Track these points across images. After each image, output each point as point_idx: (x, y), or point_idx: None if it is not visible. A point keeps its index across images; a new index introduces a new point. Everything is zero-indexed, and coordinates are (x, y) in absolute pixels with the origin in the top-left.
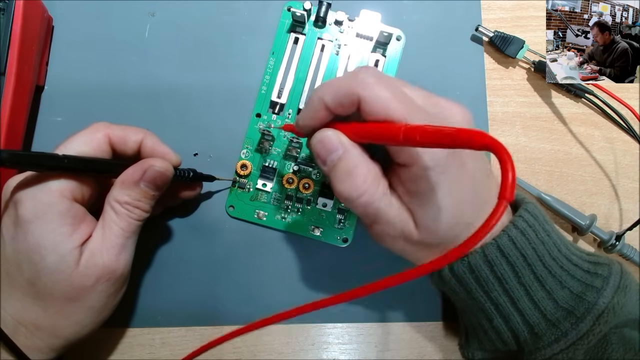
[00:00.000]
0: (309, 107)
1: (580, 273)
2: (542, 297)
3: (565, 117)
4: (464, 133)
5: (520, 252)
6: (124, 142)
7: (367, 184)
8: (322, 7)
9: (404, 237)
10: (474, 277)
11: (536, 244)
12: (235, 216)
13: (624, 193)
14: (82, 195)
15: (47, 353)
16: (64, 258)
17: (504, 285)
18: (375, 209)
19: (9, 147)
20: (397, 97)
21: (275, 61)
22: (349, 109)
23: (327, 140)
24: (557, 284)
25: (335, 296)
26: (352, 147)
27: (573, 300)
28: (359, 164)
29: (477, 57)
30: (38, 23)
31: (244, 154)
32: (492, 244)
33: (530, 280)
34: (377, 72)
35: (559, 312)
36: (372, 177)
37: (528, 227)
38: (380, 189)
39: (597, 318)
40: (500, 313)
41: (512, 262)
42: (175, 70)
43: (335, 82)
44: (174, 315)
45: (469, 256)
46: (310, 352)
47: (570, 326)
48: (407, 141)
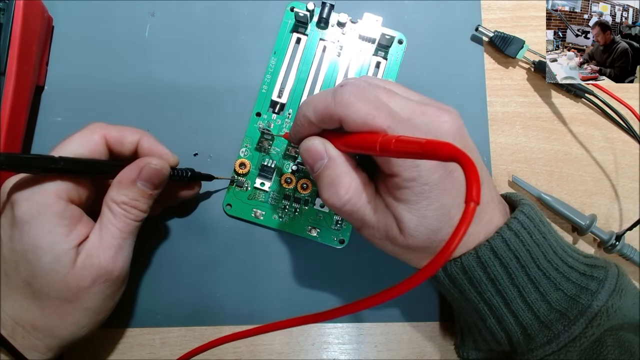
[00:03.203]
0: (296, 123)
1: (575, 275)
2: (536, 299)
3: (565, 117)
4: (431, 145)
5: (514, 253)
6: (120, 142)
7: (349, 194)
8: (324, 8)
9: (390, 240)
10: (467, 277)
11: (530, 245)
12: (232, 215)
13: (624, 193)
14: (78, 196)
15: (45, 353)
16: (60, 258)
17: (497, 287)
18: (359, 216)
19: (8, 147)
20: (378, 112)
21: (277, 61)
22: (333, 124)
23: (313, 148)
24: (551, 286)
25: (342, 307)
26: (338, 157)
27: (567, 303)
28: (342, 173)
29: (477, 57)
30: (38, 23)
31: (243, 152)
32: (486, 245)
33: (524, 282)
34: (357, 89)
35: (552, 314)
36: (354, 186)
37: (522, 229)
38: (364, 198)
39: (590, 321)
40: (493, 314)
41: (505, 264)
42: (175, 70)
43: (316, 100)
44: (174, 315)
45: (462, 257)
46: (310, 352)
47: (562, 328)
48: (383, 152)
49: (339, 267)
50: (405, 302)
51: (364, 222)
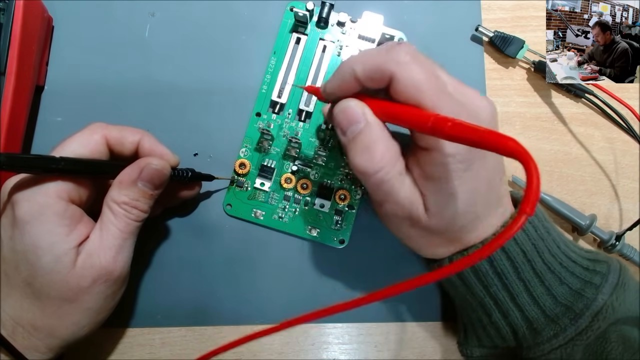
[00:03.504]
0: (338, 75)
1: (579, 270)
2: (542, 293)
3: (565, 117)
4: (493, 136)
5: (521, 247)
6: (121, 143)
7: (384, 161)
8: (324, 7)
9: (411, 219)
10: (474, 271)
11: (536, 240)
12: (232, 215)
13: (624, 193)
14: (79, 196)
15: (45, 353)
16: (60, 259)
17: (504, 280)
18: (389, 188)
19: (8, 147)
20: (430, 81)
21: (277, 61)
22: (379, 83)
23: (350, 110)
24: (556, 280)
25: (356, 299)
26: (375, 122)
27: (572, 297)
28: (379, 139)
29: (477, 57)
30: (38, 23)
31: (243, 152)
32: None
33: (530, 276)
34: (413, 50)
35: (558, 308)
36: (390, 154)
37: (528, 224)
38: (397, 168)
39: (596, 314)
40: (499, 308)
41: (512, 258)
42: (175, 70)
43: (370, 54)
44: (174, 315)
45: (469, 250)
46: (310, 352)
47: (569, 322)
48: (434, 132)
49: (339, 267)
50: (405, 301)
51: (391, 196)
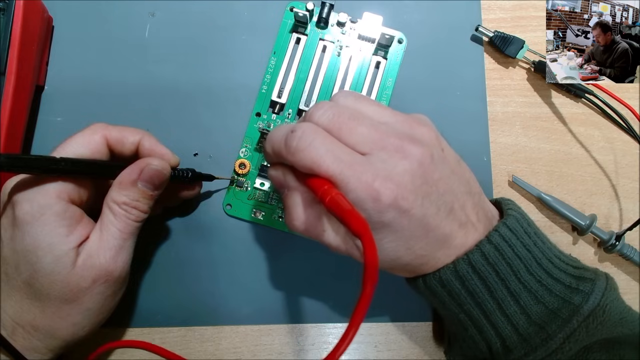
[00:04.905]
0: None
1: (559, 288)
2: (515, 312)
3: (565, 117)
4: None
5: (493, 267)
6: (121, 143)
7: (305, 225)
8: (324, 8)
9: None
10: (447, 290)
11: (511, 258)
12: (232, 215)
13: (624, 193)
14: (79, 197)
15: (45, 354)
16: (60, 259)
17: (476, 299)
18: (318, 239)
19: (8, 147)
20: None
21: (277, 61)
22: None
23: (274, 179)
24: (533, 299)
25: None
26: (295, 188)
27: (547, 316)
28: (297, 205)
29: (477, 57)
30: (38, 23)
31: (242, 152)
32: (464, 259)
33: (503, 295)
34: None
35: (531, 328)
36: (310, 218)
37: (503, 242)
38: (320, 227)
39: (568, 337)
40: (474, 324)
41: (484, 277)
42: (175, 70)
43: (275, 138)
44: (174, 315)
45: (440, 271)
46: (310, 352)
47: (540, 342)
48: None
49: (339, 267)
50: (405, 302)
51: (323, 243)
